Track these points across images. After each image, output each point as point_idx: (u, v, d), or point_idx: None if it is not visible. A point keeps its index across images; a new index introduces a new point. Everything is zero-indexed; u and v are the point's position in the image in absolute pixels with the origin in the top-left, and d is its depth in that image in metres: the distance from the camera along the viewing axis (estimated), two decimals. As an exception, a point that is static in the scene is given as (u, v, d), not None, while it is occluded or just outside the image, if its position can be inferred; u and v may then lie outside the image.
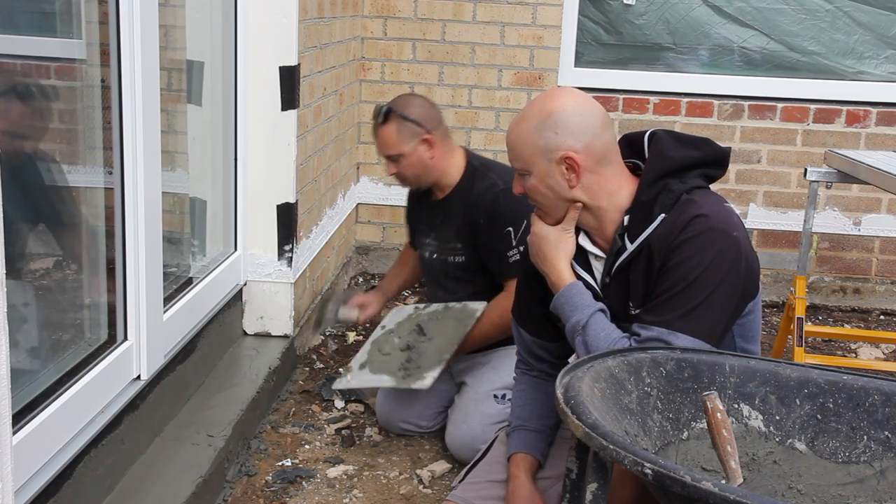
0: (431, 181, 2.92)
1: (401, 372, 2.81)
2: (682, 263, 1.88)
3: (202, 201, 3.08)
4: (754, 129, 4.42)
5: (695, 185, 1.96)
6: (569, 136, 1.93)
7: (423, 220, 3.03)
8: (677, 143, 2.01)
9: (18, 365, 2.07)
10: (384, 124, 2.83)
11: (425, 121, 2.83)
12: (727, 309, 1.91)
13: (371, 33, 4.42)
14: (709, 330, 1.87)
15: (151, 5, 2.37)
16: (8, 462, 1.37)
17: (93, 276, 2.44)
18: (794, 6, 4.39)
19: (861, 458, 1.59)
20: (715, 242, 1.88)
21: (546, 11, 4.33)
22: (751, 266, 1.95)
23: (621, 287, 1.99)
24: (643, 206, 1.95)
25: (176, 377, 2.62)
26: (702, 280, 1.87)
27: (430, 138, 2.82)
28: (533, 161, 1.97)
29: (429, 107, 2.90)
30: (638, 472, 1.26)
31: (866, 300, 4.52)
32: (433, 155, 2.84)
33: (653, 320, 1.88)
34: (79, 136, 2.43)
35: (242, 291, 3.23)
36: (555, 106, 1.94)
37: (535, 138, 1.95)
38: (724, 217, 1.92)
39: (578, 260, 2.05)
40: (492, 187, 2.81)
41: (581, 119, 1.93)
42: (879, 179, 3.12)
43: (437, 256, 2.97)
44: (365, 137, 4.52)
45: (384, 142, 2.85)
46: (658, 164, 1.97)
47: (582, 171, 1.94)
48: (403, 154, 2.83)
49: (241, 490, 2.56)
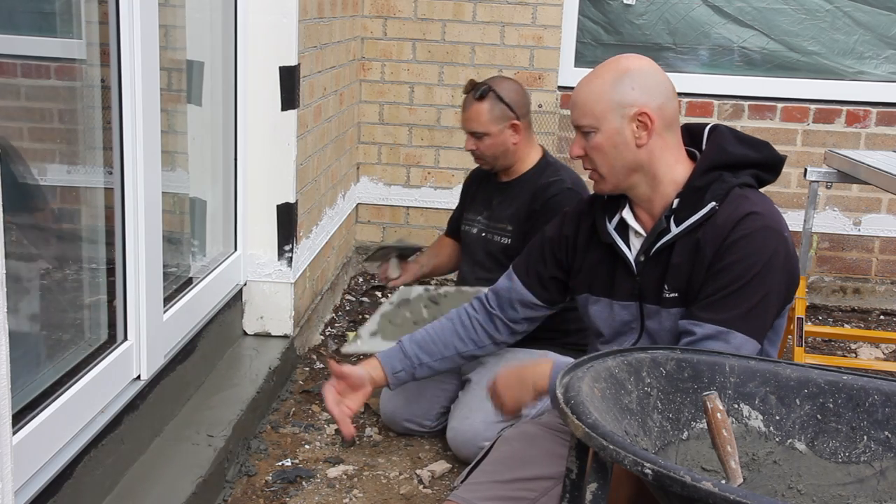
0: (507, 165, 3.00)
1: None
2: (739, 262, 1.90)
3: (202, 201, 3.08)
4: (754, 129, 4.41)
5: (747, 182, 1.99)
6: (645, 94, 1.96)
7: (479, 197, 3.10)
8: (737, 140, 2.04)
9: (18, 365, 2.07)
10: (479, 100, 2.91)
11: (517, 107, 2.92)
12: (778, 309, 1.96)
13: (371, 33, 4.42)
14: (762, 330, 1.91)
15: (151, 5, 2.37)
16: (8, 462, 1.37)
17: (93, 276, 2.44)
18: (794, 6, 4.39)
19: (861, 458, 1.59)
20: (770, 241, 1.91)
21: (546, 11, 4.34)
22: (796, 268, 1.98)
23: (658, 268, 2.00)
24: (695, 192, 1.97)
25: (176, 377, 2.62)
26: (759, 279, 1.90)
27: (518, 125, 2.92)
28: (605, 116, 1.97)
29: (523, 94, 2.98)
30: (638, 472, 1.26)
31: (866, 300, 4.52)
32: (517, 141, 2.93)
33: (710, 317, 1.90)
34: (79, 136, 2.43)
35: (242, 291, 3.23)
36: (631, 64, 1.99)
37: (610, 93, 1.97)
38: (776, 217, 1.97)
39: (619, 230, 2.07)
40: (559, 182, 2.90)
41: (656, 80, 1.98)
42: (879, 179, 3.12)
43: (484, 235, 3.03)
44: (365, 137, 4.52)
45: (474, 117, 2.92)
46: (716, 154, 2.00)
47: (653, 130, 1.96)
48: (490, 133, 2.92)
49: (241, 490, 2.56)
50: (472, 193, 3.16)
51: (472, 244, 3.08)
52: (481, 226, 3.05)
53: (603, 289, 2.12)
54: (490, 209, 3.03)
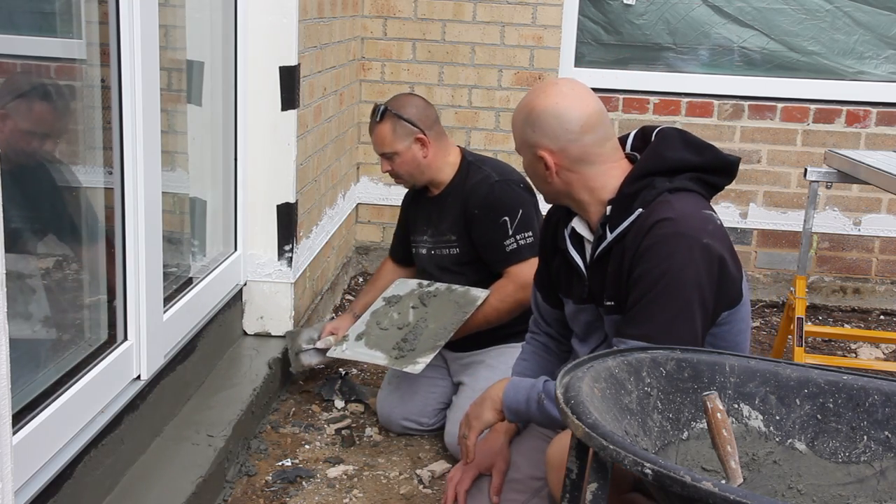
0: (426, 179, 2.99)
1: (394, 351, 2.85)
2: (649, 271, 1.86)
3: (202, 201, 3.08)
4: (754, 129, 4.42)
5: (682, 187, 1.93)
6: (543, 137, 1.96)
7: (419, 217, 3.08)
8: (682, 144, 1.99)
9: (19, 365, 2.07)
10: (380, 122, 2.92)
11: (419, 120, 2.91)
12: (708, 318, 1.89)
13: (371, 33, 4.42)
14: (691, 341, 1.81)
15: (151, 5, 2.37)
16: (8, 462, 1.38)
17: (93, 275, 2.44)
18: (794, 6, 4.39)
19: (861, 458, 1.59)
20: (680, 249, 1.83)
21: (546, 11, 4.34)
22: (727, 275, 1.89)
23: (600, 274, 2.01)
24: (624, 199, 1.95)
25: (176, 377, 2.62)
26: (672, 289, 1.83)
27: (424, 138, 2.90)
28: (521, 149, 2.05)
29: (424, 107, 2.96)
30: (638, 472, 1.26)
31: (866, 300, 4.52)
32: (426, 154, 2.92)
33: (632, 332, 1.86)
34: (79, 136, 2.43)
35: (242, 291, 3.23)
36: (538, 104, 1.97)
37: (520, 130, 2.01)
38: (695, 223, 1.87)
39: (574, 241, 2.08)
40: (486, 179, 2.87)
41: (556, 123, 1.95)
42: (879, 179, 3.12)
43: (433, 252, 3.02)
44: (365, 137, 4.52)
45: (379, 140, 2.94)
46: (650, 160, 1.97)
47: (557, 170, 1.98)
48: (397, 152, 2.92)
49: (241, 490, 2.56)
50: (412, 216, 3.12)
51: (425, 263, 3.06)
52: (429, 245, 3.03)
53: (566, 290, 2.15)
54: (432, 226, 3.01)
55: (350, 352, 2.95)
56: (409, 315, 2.94)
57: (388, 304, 3.02)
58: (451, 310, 2.86)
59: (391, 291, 3.07)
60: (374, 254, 4.62)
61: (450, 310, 2.87)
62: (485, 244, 2.86)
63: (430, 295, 2.96)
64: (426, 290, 2.98)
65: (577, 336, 2.19)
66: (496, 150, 4.38)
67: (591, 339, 2.13)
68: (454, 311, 2.85)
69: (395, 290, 3.06)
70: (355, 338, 2.98)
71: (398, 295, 3.04)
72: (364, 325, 3.00)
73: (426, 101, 3.02)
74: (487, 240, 2.85)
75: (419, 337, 2.85)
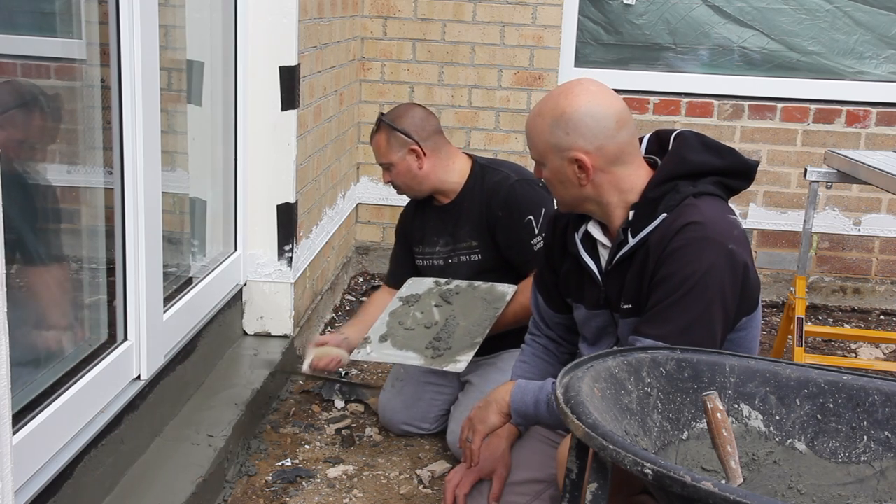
0: (426, 190, 2.94)
1: (429, 351, 2.75)
2: (674, 273, 1.86)
3: (202, 201, 3.08)
4: (754, 129, 4.42)
5: (705, 191, 1.93)
6: (579, 138, 1.93)
7: (428, 228, 3.00)
8: (702, 147, 1.99)
9: (19, 365, 2.07)
10: (376, 133, 2.92)
11: (414, 132, 2.86)
12: (727, 323, 1.89)
13: (371, 33, 4.42)
14: (708, 345, 1.82)
15: (151, 5, 2.37)
16: (8, 462, 1.38)
17: (93, 275, 2.44)
18: (794, 6, 4.39)
19: (861, 458, 1.59)
20: (707, 253, 1.84)
21: (546, 11, 4.33)
22: (749, 281, 1.91)
23: (618, 279, 1.99)
24: (649, 204, 1.94)
25: (176, 377, 2.62)
26: (696, 292, 1.84)
27: (418, 149, 2.85)
28: (546, 156, 1.99)
29: (422, 118, 2.91)
30: (638, 472, 1.26)
31: (866, 300, 4.52)
32: (421, 165, 2.87)
33: (649, 332, 1.86)
34: (79, 136, 2.43)
35: (242, 291, 3.23)
36: (568, 105, 1.94)
37: (547, 136, 1.96)
38: (722, 228, 1.88)
39: (586, 246, 2.06)
40: (505, 179, 2.84)
41: (593, 121, 1.92)
42: (879, 179, 3.12)
43: (450, 261, 2.95)
44: (364, 137, 4.52)
45: (376, 150, 2.94)
46: (673, 163, 1.96)
47: (593, 172, 1.94)
48: (392, 163, 2.90)
49: (241, 490, 2.56)
50: (418, 228, 3.03)
51: (439, 276, 2.97)
52: (445, 254, 2.96)
53: (577, 296, 2.13)
54: (446, 234, 2.94)
55: (376, 354, 2.83)
56: (435, 314, 2.85)
57: (406, 304, 2.92)
58: (480, 306, 2.79)
59: (406, 291, 2.96)
60: (374, 254, 4.63)
61: (479, 306, 2.79)
62: (511, 245, 2.81)
63: (451, 292, 2.88)
64: (446, 288, 2.90)
65: (586, 340, 2.17)
66: (496, 150, 4.38)
67: (602, 344, 2.11)
68: (484, 307, 2.78)
69: (411, 290, 2.96)
70: (378, 339, 2.85)
71: (416, 294, 2.93)
72: (385, 326, 2.88)
73: (427, 111, 2.96)
74: (515, 240, 2.79)
75: (453, 335, 2.76)
